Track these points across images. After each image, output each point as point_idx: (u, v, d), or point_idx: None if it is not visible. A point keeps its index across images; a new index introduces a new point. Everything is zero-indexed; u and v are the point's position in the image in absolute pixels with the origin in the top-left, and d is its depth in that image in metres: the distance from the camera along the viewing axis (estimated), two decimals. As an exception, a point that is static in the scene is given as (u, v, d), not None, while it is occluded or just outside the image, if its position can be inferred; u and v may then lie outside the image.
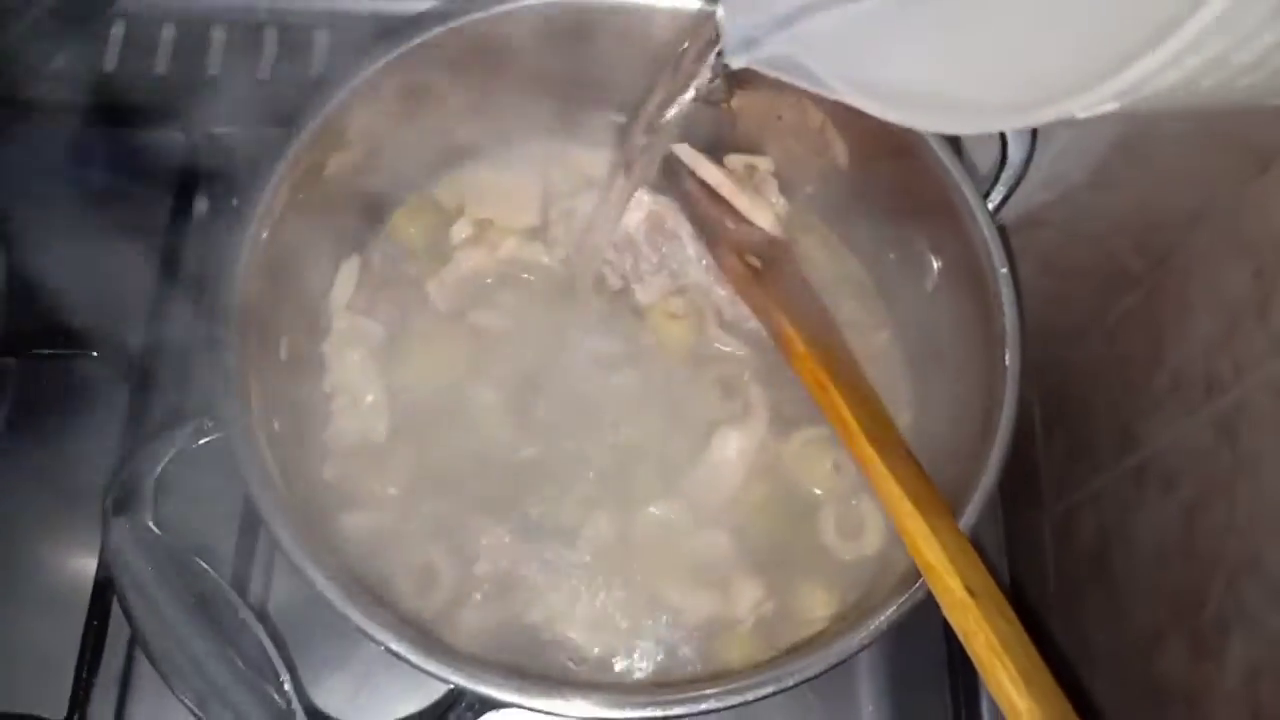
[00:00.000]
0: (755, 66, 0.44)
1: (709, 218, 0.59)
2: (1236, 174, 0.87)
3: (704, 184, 0.60)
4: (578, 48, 0.56)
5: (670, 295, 0.59)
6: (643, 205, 0.59)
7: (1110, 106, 0.31)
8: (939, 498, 0.48)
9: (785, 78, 0.41)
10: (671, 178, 0.61)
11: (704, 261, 0.59)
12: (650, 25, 0.55)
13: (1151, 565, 0.95)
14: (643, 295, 0.59)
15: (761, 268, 0.57)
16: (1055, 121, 0.31)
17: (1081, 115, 0.32)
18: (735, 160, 0.61)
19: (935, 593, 0.44)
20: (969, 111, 0.34)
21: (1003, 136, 0.52)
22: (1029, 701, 0.41)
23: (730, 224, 0.59)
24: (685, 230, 0.60)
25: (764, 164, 0.61)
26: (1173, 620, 0.91)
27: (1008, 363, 0.47)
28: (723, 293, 0.59)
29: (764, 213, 0.60)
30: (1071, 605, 1.10)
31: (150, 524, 0.45)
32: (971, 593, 0.43)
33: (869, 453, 0.49)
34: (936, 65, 0.35)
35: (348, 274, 0.58)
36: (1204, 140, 0.85)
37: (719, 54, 0.45)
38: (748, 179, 0.61)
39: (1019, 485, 1.22)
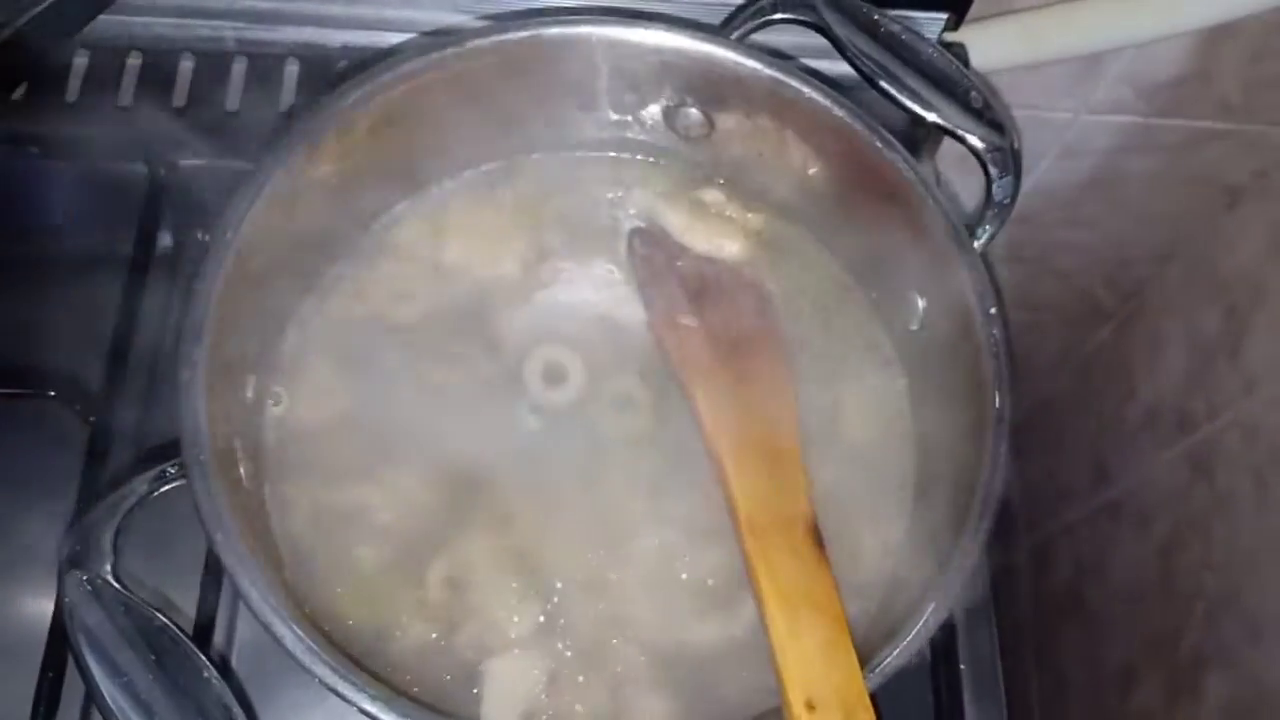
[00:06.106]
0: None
1: (651, 278, 0.58)
2: (1205, 211, 0.88)
3: (658, 236, 0.59)
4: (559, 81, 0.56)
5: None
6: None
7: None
8: (825, 595, 0.47)
9: None
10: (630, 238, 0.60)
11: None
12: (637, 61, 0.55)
13: (1128, 601, 0.96)
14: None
15: (700, 324, 0.56)
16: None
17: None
18: (708, 194, 0.61)
19: (781, 702, 0.44)
20: None
21: (987, 176, 0.52)
22: None
23: (673, 279, 0.58)
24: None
25: (709, 195, 0.60)
26: (1149, 657, 0.91)
27: (997, 404, 0.47)
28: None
29: (728, 242, 0.59)
30: (1047, 640, 1.10)
31: (109, 578, 0.43)
32: (810, 706, 0.43)
33: (747, 543, 0.48)
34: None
35: (317, 310, 0.56)
36: (1173, 178, 0.86)
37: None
38: (718, 210, 0.60)
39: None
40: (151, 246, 0.63)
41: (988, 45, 0.66)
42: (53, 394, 0.58)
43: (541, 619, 0.51)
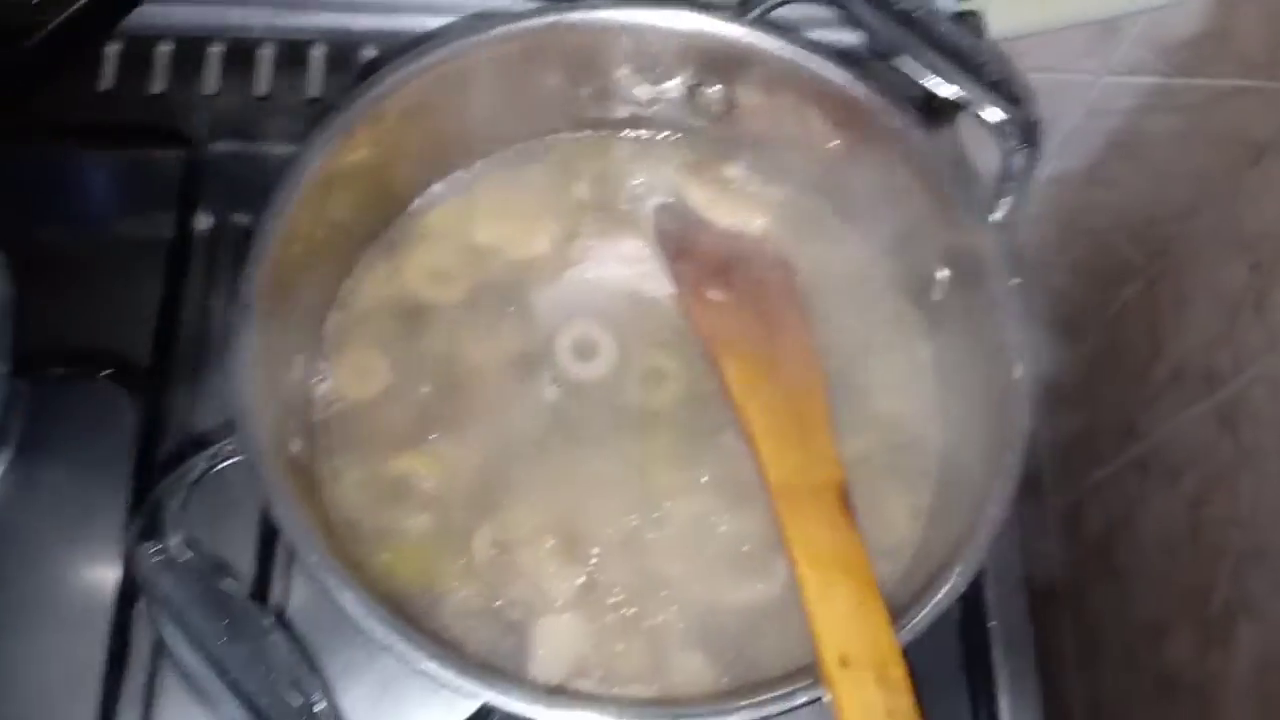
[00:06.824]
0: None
1: (677, 254, 0.59)
2: (1230, 167, 0.87)
3: (683, 212, 0.60)
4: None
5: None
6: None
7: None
8: (856, 558, 0.48)
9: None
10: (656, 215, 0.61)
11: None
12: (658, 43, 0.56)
13: (1158, 556, 0.96)
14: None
15: (727, 298, 0.57)
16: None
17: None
18: (730, 170, 0.62)
19: (816, 660, 0.45)
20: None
21: (1006, 148, 0.52)
22: None
23: (699, 254, 0.59)
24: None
25: (732, 171, 0.61)
26: (1180, 611, 0.92)
27: (1017, 374, 0.48)
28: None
29: (751, 217, 0.60)
30: (1079, 596, 1.11)
31: (179, 549, 0.45)
32: (844, 663, 0.44)
33: (779, 509, 0.50)
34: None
35: (357, 291, 0.58)
36: (1198, 134, 0.85)
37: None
38: (740, 186, 0.61)
39: (1023, 477, 1.22)
40: (190, 228, 0.64)
41: (1005, 12, 0.66)
42: (104, 373, 0.60)
43: (582, 580, 0.53)
